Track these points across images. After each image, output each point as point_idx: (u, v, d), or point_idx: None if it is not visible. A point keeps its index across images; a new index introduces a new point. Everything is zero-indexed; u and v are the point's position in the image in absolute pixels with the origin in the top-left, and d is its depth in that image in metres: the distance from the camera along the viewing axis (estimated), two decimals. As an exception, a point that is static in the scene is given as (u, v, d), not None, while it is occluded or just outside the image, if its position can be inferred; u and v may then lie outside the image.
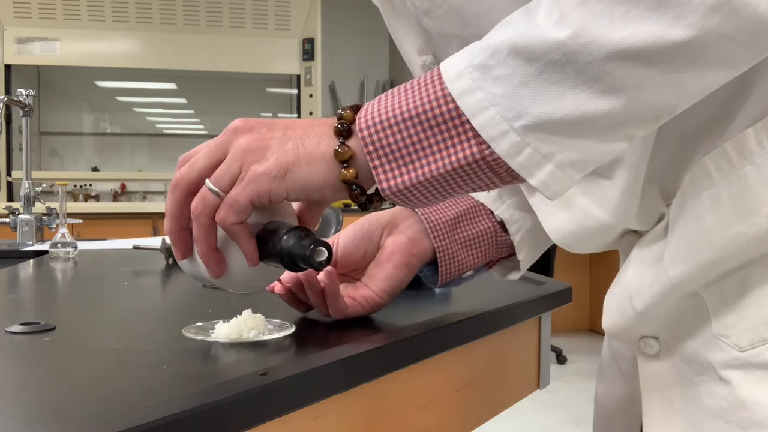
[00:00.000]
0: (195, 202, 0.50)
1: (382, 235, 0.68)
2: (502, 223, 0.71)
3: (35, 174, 2.12)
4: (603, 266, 4.49)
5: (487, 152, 0.44)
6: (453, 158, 0.45)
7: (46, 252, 1.40)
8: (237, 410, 0.39)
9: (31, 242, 1.79)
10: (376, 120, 0.47)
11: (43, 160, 4.90)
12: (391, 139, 0.46)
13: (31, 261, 1.31)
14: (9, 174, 4.29)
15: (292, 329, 0.58)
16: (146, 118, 5.38)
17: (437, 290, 0.82)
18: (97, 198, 4.75)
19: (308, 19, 4.51)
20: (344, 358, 0.49)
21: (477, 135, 0.44)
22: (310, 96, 4.51)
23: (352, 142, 0.48)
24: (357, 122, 0.48)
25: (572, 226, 0.55)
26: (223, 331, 0.55)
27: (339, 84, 5.22)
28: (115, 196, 4.83)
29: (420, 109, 0.45)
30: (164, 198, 4.81)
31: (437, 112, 0.45)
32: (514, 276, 0.74)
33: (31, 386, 0.44)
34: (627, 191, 0.51)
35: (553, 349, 3.86)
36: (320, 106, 4.55)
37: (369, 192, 0.49)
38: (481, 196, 0.72)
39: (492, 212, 0.71)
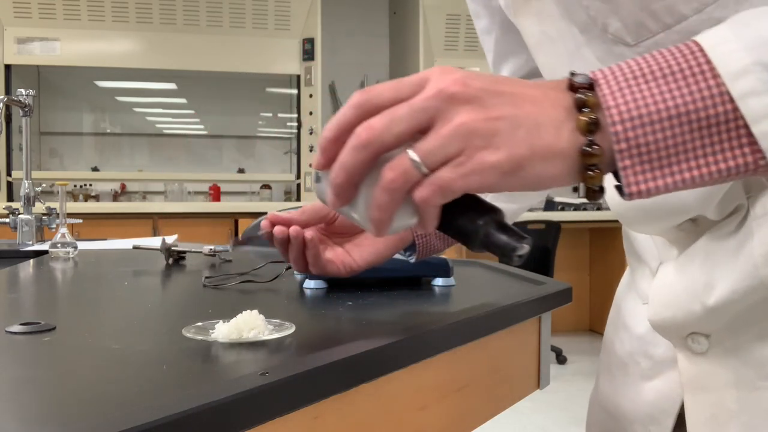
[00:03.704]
0: (393, 174, 0.42)
1: None
2: None
3: (35, 174, 2.12)
4: (603, 266, 4.49)
5: (762, 163, 0.38)
6: (721, 166, 0.39)
7: (46, 252, 1.40)
8: (237, 410, 0.39)
9: (31, 242, 1.79)
10: (633, 114, 0.39)
11: (43, 160, 4.91)
12: (650, 138, 0.39)
13: (31, 261, 1.30)
14: (9, 174, 4.29)
15: (292, 329, 0.58)
16: (146, 118, 5.38)
17: (437, 289, 0.83)
18: (97, 198, 4.76)
19: (308, 19, 4.51)
20: (344, 358, 0.49)
21: (753, 142, 0.38)
22: (310, 96, 4.52)
23: (598, 137, 0.40)
24: (606, 112, 0.40)
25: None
26: (223, 331, 0.55)
27: (339, 84, 5.22)
28: (115, 196, 4.83)
29: (689, 107, 0.39)
30: (164, 198, 4.79)
31: (711, 112, 0.38)
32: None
33: (31, 386, 0.44)
34: None
35: (553, 349, 3.87)
36: (320, 106, 4.55)
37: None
38: None
39: None
